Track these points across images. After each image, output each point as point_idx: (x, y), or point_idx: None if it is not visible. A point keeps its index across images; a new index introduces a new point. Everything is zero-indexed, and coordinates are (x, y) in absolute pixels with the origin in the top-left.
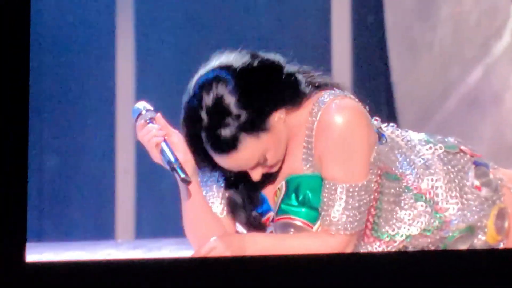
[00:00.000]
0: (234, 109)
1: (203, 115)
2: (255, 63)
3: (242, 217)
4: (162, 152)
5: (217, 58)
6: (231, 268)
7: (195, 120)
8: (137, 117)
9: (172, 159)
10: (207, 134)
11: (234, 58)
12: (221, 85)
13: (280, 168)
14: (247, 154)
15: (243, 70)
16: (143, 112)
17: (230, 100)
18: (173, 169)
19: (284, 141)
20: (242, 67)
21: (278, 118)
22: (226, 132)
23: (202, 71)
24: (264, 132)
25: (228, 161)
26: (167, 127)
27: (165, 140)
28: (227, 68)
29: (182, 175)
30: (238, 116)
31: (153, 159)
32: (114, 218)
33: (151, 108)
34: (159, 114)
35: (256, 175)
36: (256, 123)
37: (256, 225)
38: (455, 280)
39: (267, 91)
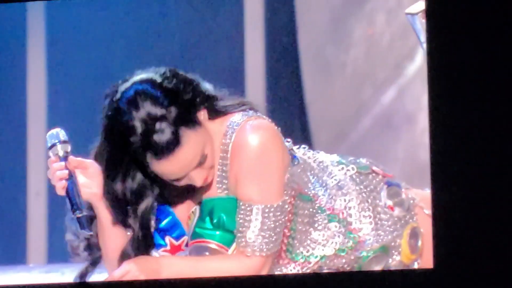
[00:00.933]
0: (164, 109)
1: (137, 124)
2: (174, 72)
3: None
4: (66, 195)
5: (136, 75)
6: None
7: (127, 133)
8: (50, 147)
9: (73, 206)
10: (146, 142)
11: (153, 71)
12: (146, 94)
13: (194, 191)
14: (191, 148)
15: (164, 78)
16: (58, 144)
17: (158, 104)
18: (74, 216)
19: (213, 141)
20: (162, 76)
21: (203, 116)
22: (166, 132)
23: (123, 87)
24: (198, 125)
25: (173, 163)
26: (81, 162)
27: (72, 181)
28: (148, 80)
29: (80, 229)
30: (170, 113)
31: (57, 192)
32: (26, 242)
33: (66, 139)
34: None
35: (199, 178)
36: (187, 116)
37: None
38: None
39: (187, 92)
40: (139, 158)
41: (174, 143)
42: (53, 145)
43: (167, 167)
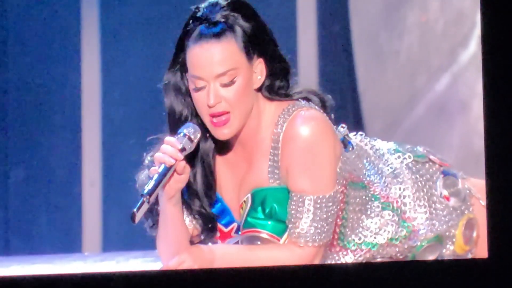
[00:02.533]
0: (232, 12)
1: (210, 10)
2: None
3: (196, 205)
4: (153, 177)
5: None
6: (200, 281)
7: (192, 13)
8: (179, 133)
9: (149, 190)
10: (204, 18)
11: None
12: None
13: (246, 180)
14: (225, 49)
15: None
16: (187, 135)
17: (233, 7)
18: (141, 195)
19: (250, 105)
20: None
21: (258, 70)
22: (225, 22)
23: None
24: (246, 54)
25: (205, 49)
26: (184, 168)
27: (168, 169)
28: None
29: (135, 209)
30: (234, 17)
31: (149, 173)
32: (81, 231)
33: (195, 139)
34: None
35: (213, 92)
36: (245, 36)
37: (208, 219)
38: None
39: (261, 33)
40: (185, 42)
41: (215, 32)
42: (185, 135)
43: (196, 53)
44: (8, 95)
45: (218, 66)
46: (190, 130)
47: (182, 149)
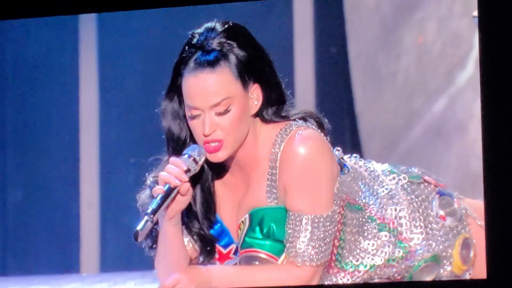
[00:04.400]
0: (227, 40)
1: (206, 37)
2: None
3: (195, 227)
4: (158, 198)
5: None
6: None
7: (187, 41)
8: (185, 154)
9: (152, 210)
10: (199, 46)
11: None
12: (221, 27)
13: (244, 201)
14: (220, 80)
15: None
16: (193, 157)
17: (228, 35)
18: (145, 214)
19: (245, 130)
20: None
21: (255, 97)
22: (219, 50)
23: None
24: (241, 82)
25: (200, 79)
26: (187, 190)
27: (172, 190)
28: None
29: (139, 227)
30: (229, 45)
31: (153, 193)
32: (79, 251)
33: (201, 162)
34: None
35: (208, 121)
36: (240, 64)
37: (208, 242)
38: None
39: (257, 59)
40: (181, 69)
41: (210, 62)
42: (190, 156)
43: (191, 83)
44: (5, 116)
45: (212, 96)
46: (195, 152)
47: (187, 171)
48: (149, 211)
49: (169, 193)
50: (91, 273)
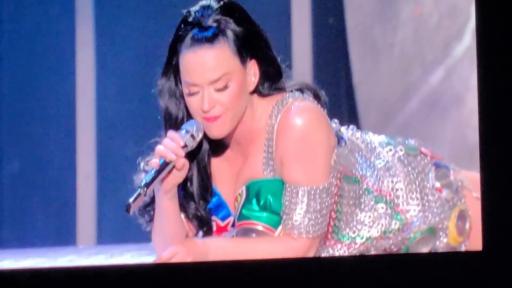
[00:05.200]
0: (224, 16)
1: (202, 14)
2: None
3: (191, 207)
4: (152, 170)
5: None
6: (192, 273)
7: (184, 17)
8: (183, 128)
9: (146, 182)
10: (196, 22)
11: None
12: (217, 4)
13: (241, 173)
14: (219, 55)
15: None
16: (191, 132)
17: (224, 11)
18: (138, 186)
19: (243, 107)
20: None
21: (252, 73)
22: (218, 27)
23: None
24: (239, 58)
25: (198, 55)
26: (183, 165)
27: (167, 164)
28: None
29: (130, 200)
30: (225, 21)
31: (150, 165)
32: (75, 224)
33: (198, 138)
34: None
35: (207, 97)
36: (238, 39)
37: (205, 220)
38: (418, 283)
39: (255, 35)
40: (177, 47)
41: (208, 37)
42: (188, 131)
43: (189, 59)
44: (1, 90)
45: (212, 72)
46: (193, 127)
47: (184, 146)
48: (142, 183)
49: (164, 167)
50: (88, 245)
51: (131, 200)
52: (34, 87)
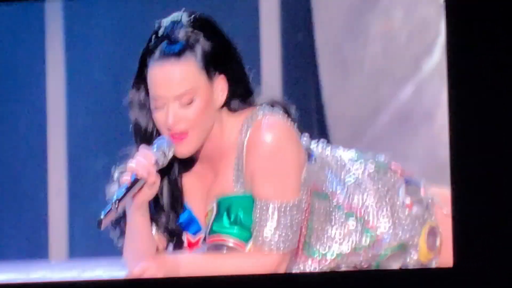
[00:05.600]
0: (194, 30)
1: (172, 28)
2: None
3: (163, 221)
4: (124, 188)
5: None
6: None
7: (153, 33)
8: (155, 144)
9: (117, 198)
10: (164, 37)
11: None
12: (188, 18)
13: (211, 189)
14: (185, 70)
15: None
16: (162, 151)
17: (194, 26)
18: (109, 202)
19: (210, 123)
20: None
21: (219, 89)
22: (185, 40)
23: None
24: (206, 74)
25: (165, 69)
26: (154, 181)
27: (138, 180)
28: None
29: (102, 215)
30: (195, 35)
31: (120, 180)
32: (47, 238)
33: (169, 155)
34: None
35: (171, 112)
36: (205, 55)
37: (175, 234)
38: None
39: (224, 50)
40: (147, 59)
41: (175, 52)
42: (160, 148)
43: (156, 72)
44: None
45: (176, 87)
46: (165, 145)
47: (156, 163)
48: (114, 199)
49: (135, 183)
50: (60, 260)
51: (102, 215)
52: (3, 101)
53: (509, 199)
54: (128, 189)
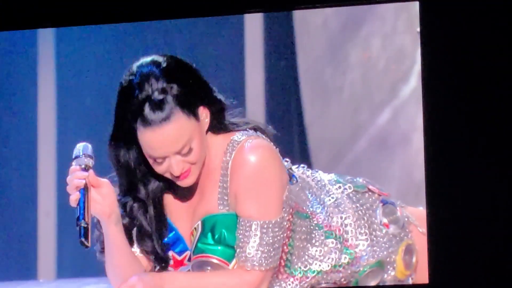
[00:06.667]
0: (166, 83)
1: (137, 90)
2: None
3: (148, 245)
4: (77, 205)
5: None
6: None
7: (128, 95)
8: (75, 157)
9: (80, 216)
10: (140, 107)
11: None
12: (155, 70)
13: (197, 209)
14: (177, 129)
15: (175, 62)
16: (82, 156)
17: (163, 78)
18: (78, 225)
19: (205, 150)
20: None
21: (204, 116)
22: (160, 103)
23: (134, 67)
24: (193, 117)
25: (157, 135)
26: (98, 180)
27: (85, 190)
28: (157, 62)
29: (82, 238)
30: (171, 89)
31: (71, 204)
32: (36, 258)
33: (91, 154)
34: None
35: (177, 168)
36: (186, 101)
37: (162, 255)
38: None
39: (194, 82)
40: (132, 125)
41: (163, 116)
42: (78, 156)
43: (150, 138)
44: None
45: (174, 145)
46: (83, 148)
47: (85, 167)
48: (78, 219)
49: (85, 194)
50: (48, 279)
51: (81, 237)
52: None
53: (482, 218)
54: (83, 202)
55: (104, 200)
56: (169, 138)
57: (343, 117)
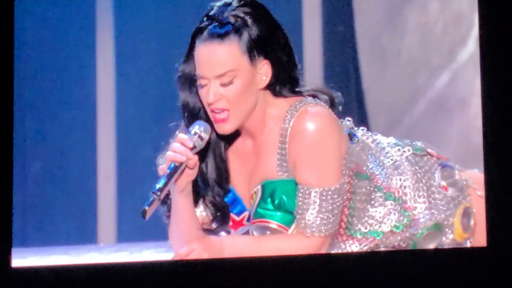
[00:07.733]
0: (245, 14)
1: (235, 1)
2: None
3: (208, 196)
4: (166, 175)
5: None
6: (210, 270)
7: (225, 3)
8: (193, 133)
9: (156, 187)
10: (211, 20)
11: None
12: (241, 2)
13: (256, 172)
14: (227, 52)
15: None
16: (196, 135)
17: (244, 8)
18: (152, 192)
19: (250, 104)
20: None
21: (263, 70)
22: (227, 24)
23: None
24: (248, 57)
25: (208, 49)
26: (195, 163)
27: (177, 167)
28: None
29: (146, 207)
30: (243, 19)
31: (159, 171)
32: (96, 223)
33: (206, 136)
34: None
35: (213, 92)
36: (250, 39)
37: (220, 209)
38: (425, 277)
39: (272, 37)
40: (196, 39)
41: (219, 33)
42: (195, 134)
43: (200, 52)
44: (24, 91)
45: (218, 67)
46: (200, 128)
47: (193, 147)
48: (156, 189)
49: (174, 171)
50: (108, 243)
51: (146, 206)
52: (56, 90)
53: None
54: (169, 176)
55: (187, 178)
56: (215, 57)
57: (401, 81)
